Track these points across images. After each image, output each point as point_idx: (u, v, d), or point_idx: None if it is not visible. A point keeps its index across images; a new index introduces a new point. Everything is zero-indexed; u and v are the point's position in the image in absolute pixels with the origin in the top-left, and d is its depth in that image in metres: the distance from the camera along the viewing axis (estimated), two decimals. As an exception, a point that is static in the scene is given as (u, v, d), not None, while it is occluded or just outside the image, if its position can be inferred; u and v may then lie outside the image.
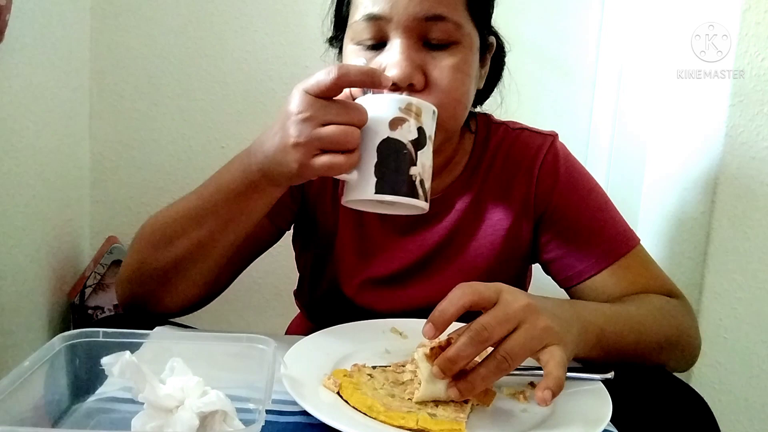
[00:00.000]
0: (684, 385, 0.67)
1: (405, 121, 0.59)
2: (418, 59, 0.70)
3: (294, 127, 0.58)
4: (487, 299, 0.56)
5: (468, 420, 0.55)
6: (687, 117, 1.10)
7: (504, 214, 0.82)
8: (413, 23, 0.69)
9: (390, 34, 0.70)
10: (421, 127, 0.60)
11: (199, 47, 1.34)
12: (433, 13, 0.69)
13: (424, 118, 0.61)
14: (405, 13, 0.69)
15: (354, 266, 0.84)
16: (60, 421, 0.54)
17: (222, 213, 0.68)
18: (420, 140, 0.60)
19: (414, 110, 0.60)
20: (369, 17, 0.70)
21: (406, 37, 0.70)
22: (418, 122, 0.60)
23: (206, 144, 1.36)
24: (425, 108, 0.61)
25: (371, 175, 0.59)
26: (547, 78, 1.38)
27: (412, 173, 0.59)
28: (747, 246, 1.03)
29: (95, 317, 1.24)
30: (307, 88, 0.58)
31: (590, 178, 0.84)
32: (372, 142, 0.59)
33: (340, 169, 0.58)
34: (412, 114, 0.60)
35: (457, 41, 0.71)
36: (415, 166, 0.60)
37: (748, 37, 0.98)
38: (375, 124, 0.59)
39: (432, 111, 0.62)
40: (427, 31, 0.70)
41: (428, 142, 0.61)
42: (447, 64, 0.71)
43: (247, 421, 0.49)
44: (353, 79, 0.58)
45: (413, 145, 0.60)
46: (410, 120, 0.60)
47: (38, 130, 1.12)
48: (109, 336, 0.57)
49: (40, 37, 1.11)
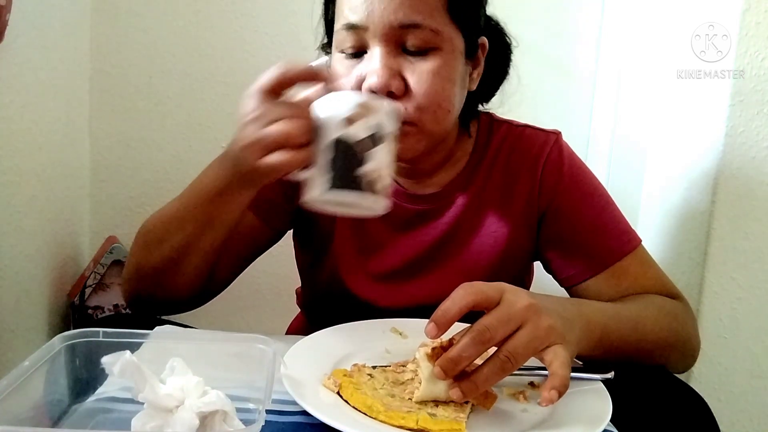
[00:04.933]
0: (684, 385, 0.68)
1: (359, 119, 0.59)
2: (396, 66, 0.70)
3: (244, 128, 0.60)
4: (489, 299, 0.56)
5: (468, 420, 0.55)
6: (687, 117, 1.10)
7: (507, 212, 0.82)
8: (390, 31, 0.69)
9: (369, 42, 0.71)
10: (376, 125, 0.60)
11: (199, 47, 1.33)
12: (408, 21, 0.69)
13: (381, 116, 0.60)
14: (381, 22, 0.69)
15: (354, 263, 0.84)
16: (60, 421, 0.54)
17: (199, 217, 0.70)
18: (375, 138, 0.60)
19: (369, 108, 0.60)
20: (348, 26, 0.71)
21: (384, 44, 0.70)
22: (373, 120, 0.60)
23: (206, 144, 1.36)
24: (381, 106, 0.61)
25: (325, 173, 0.59)
26: (547, 78, 1.38)
27: (365, 171, 0.59)
28: (747, 246, 1.03)
29: (95, 317, 1.24)
30: (254, 88, 0.60)
31: (593, 178, 0.84)
32: (326, 139, 0.59)
33: (290, 165, 0.59)
34: (367, 112, 0.59)
35: (436, 46, 0.71)
36: (369, 163, 0.59)
37: (748, 37, 0.98)
38: (329, 122, 0.59)
39: (390, 109, 0.62)
40: (404, 38, 0.70)
41: (385, 140, 0.61)
42: (425, 69, 0.71)
43: (247, 421, 0.49)
44: (294, 75, 0.60)
45: (367, 143, 0.59)
46: (365, 118, 0.59)
47: (38, 130, 1.12)
48: (109, 336, 0.57)
49: (40, 37, 1.11)
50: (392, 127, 0.62)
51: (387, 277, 0.84)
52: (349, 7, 0.71)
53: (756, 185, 1.01)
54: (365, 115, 0.59)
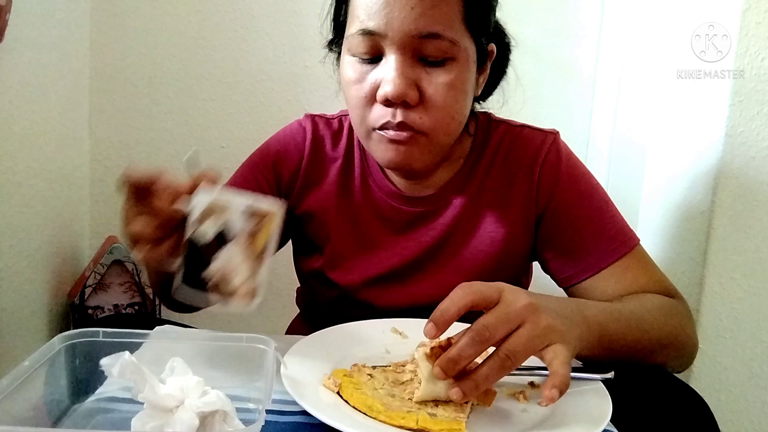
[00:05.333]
0: (684, 385, 0.67)
1: (208, 218, 0.60)
2: (412, 75, 0.70)
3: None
4: (488, 299, 0.56)
5: (468, 420, 0.55)
6: (687, 117, 1.10)
7: (504, 212, 0.82)
8: (408, 40, 0.69)
9: (385, 49, 0.70)
10: (224, 224, 0.60)
11: (199, 47, 1.34)
12: (428, 31, 0.69)
13: (231, 215, 0.60)
14: (400, 31, 0.68)
15: (352, 264, 0.85)
16: (60, 421, 0.54)
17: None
18: (223, 237, 0.60)
19: (218, 208, 0.60)
20: (364, 32, 0.70)
21: (401, 53, 0.70)
22: (222, 219, 0.60)
23: (206, 144, 1.36)
24: (232, 205, 0.60)
25: (180, 269, 0.60)
26: (547, 78, 1.38)
27: (211, 271, 0.59)
28: (747, 246, 1.03)
29: (95, 317, 1.24)
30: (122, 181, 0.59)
31: (591, 178, 0.84)
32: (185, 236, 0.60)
33: (147, 260, 0.60)
34: (217, 211, 0.60)
35: (453, 57, 0.71)
36: (214, 264, 0.59)
37: (748, 37, 0.98)
38: (189, 220, 0.60)
39: (243, 206, 0.61)
40: (422, 48, 0.70)
41: (236, 239, 0.60)
42: (442, 81, 0.71)
43: (247, 421, 0.49)
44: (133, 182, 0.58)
45: (214, 243, 0.60)
46: (214, 216, 0.60)
47: (38, 130, 1.12)
48: (109, 336, 0.57)
49: (40, 37, 1.11)
50: (243, 226, 0.61)
51: (385, 278, 0.84)
52: (367, 13, 0.70)
53: (756, 185, 1.01)
54: (215, 214, 0.60)
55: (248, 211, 0.60)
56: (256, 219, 0.61)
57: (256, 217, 0.61)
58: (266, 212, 0.61)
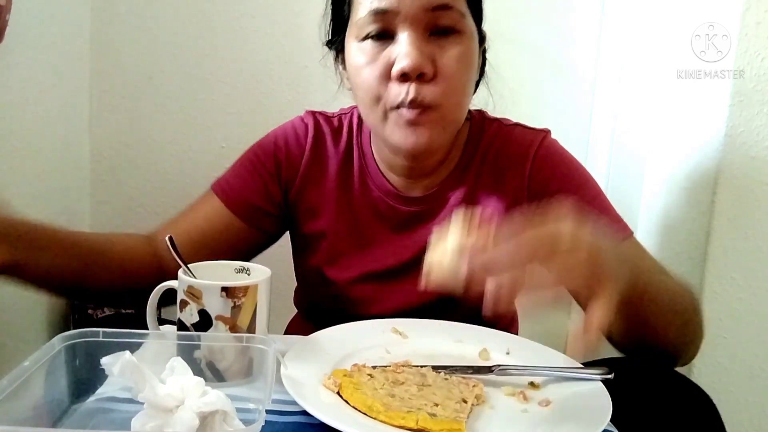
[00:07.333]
0: (689, 382, 0.67)
1: (187, 305, 0.61)
2: (427, 50, 0.72)
3: None
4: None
5: (468, 420, 0.55)
6: (687, 117, 1.10)
7: (497, 209, 0.82)
8: (421, 14, 0.71)
9: (398, 26, 0.72)
10: (203, 310, 0.61)
11: (199, 47, 1.34)
12: (440, 2, 0.71)
13: (206, 300, 0.61)
14: (413, 5, 0.70)
15: (349, 261, 0.85)
16: (60, 421, 0.54)
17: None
18: (203, 323, 0.61)
19: (195, 293, 0.61)
20: (376, 12, 0.72)
21: (414, 28, 0.71)
22: (199, 305, 0.61)
23: (206, 144, 1.36)
24: (207, 289, 0.61)
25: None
26: (547, 78, 1.38)
27: (196, 356, 0.60)
28: (746, 246, 1.03)
29: (95, 317, 1.24)
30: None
31: (583, 171, 0.85)
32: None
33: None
34: (193, 297, 0.61)
35: (462, 30, 0.74)
36: (199, 349, 0.60)
37: (748, 37, 0.98)
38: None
39: (218, 290, 0.61)
40: (435, 20, 0.72)
41: (217, 323, 0.61)
42: (453, 53, 0.73)
43: (247, 421, 0.49)
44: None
45: (195, 328, 0.61)
46: (191, 303, 0.61)
47: (38, 129, 1.12)
48: (109, 336, 0.57)
49: (40, 37, 1.11)
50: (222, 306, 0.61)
51: (382, 275, 0.84)
52: None
53: (756, 185, 1.01)
54: (191, 301, 0.61)
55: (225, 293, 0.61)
56: (240, 293, 0.61)
57: (239, 292, 0.61)
58: (246, 287, 0.61)
